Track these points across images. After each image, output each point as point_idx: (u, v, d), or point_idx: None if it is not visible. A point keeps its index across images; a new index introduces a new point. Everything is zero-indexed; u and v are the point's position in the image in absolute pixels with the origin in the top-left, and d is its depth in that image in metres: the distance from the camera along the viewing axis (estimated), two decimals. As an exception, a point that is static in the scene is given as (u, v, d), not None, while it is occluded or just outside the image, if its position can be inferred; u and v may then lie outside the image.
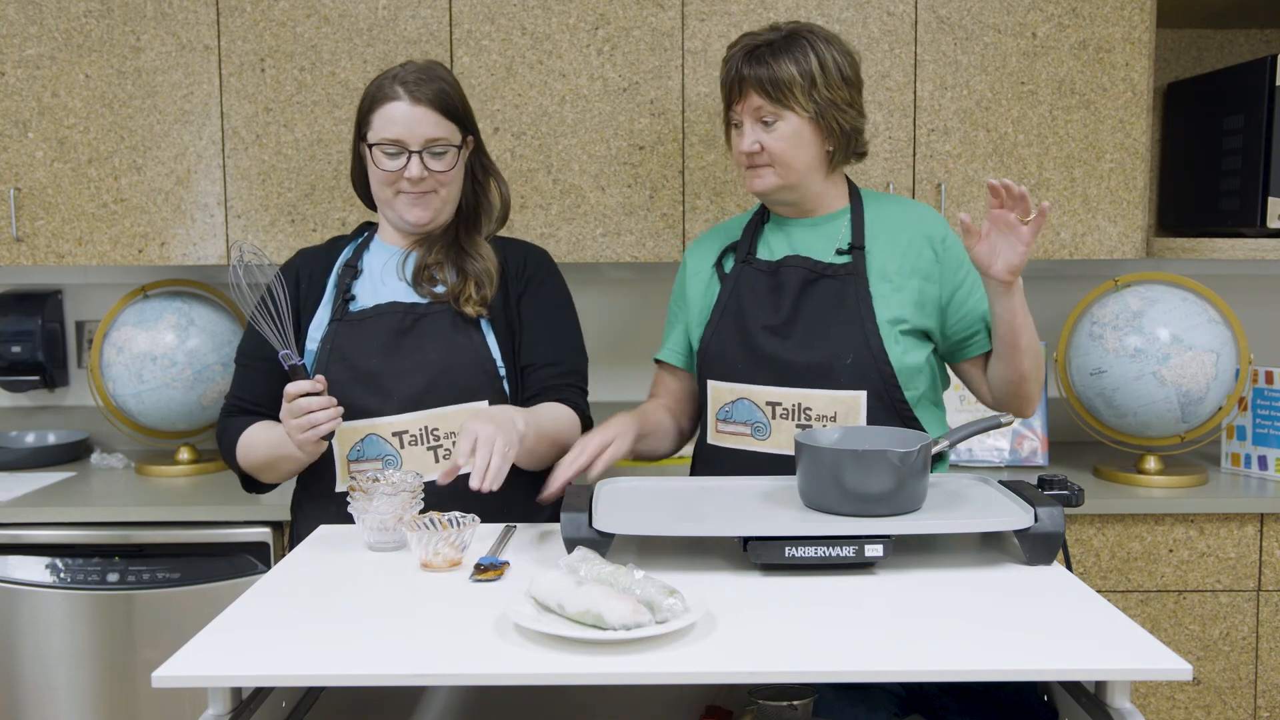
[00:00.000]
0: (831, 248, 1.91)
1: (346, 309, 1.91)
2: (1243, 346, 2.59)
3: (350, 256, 1.97)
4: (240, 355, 1.99)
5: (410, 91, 1.86)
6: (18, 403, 3.04)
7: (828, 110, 1.84)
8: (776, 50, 1.82)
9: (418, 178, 1.87)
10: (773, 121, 1.83)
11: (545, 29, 2.57)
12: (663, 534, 1.53)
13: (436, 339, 1.89)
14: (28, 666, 2.38)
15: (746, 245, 1.96)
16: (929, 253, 1.89)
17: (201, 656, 1.21)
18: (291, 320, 1.87)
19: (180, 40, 2.57)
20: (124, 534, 2.39)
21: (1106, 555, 2.44)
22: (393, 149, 1.86)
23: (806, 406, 1.84)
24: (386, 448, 1.86)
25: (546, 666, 1.17)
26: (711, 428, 1.94)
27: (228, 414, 1.98)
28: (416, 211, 1.91)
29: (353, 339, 1.88)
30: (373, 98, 1.88)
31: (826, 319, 1.86)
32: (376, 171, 1.89)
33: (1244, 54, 2.95)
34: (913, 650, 1.21)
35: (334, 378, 1.85)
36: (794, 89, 1.81)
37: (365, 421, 1.86)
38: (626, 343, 2.99)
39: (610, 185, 2.60)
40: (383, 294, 1.93)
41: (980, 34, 2.58)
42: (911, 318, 1.86)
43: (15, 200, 2.59)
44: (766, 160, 1.85)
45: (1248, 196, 2.56)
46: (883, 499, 1.49)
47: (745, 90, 1.84)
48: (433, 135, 1.87)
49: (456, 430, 1.86)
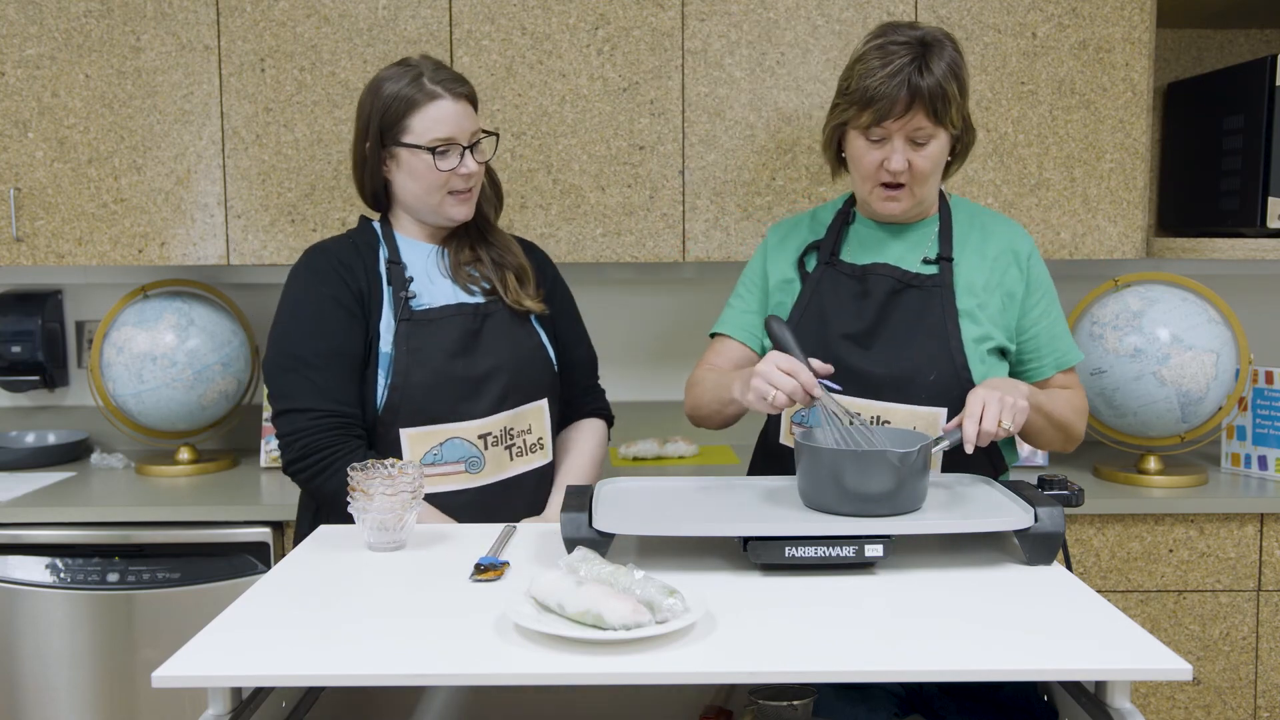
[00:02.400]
0: (918, 256, 1.85)
1: (410, 308, 1.85)
2: (1243, 346, 2.59)
3: (389, 254, 1.91)
4: (312, 354, 1.81)
5: (449, 89, 1.84)
6: (18, 403, 3.04)
7: (967, 126, 1.78)
8: (933, 61, 1.69)
9: (474, 172, 1.87)
10: (925, 141, 1.73)
11: (545, 29, 2.57)
12: (663, 534, 1.53)
13: (504, 338, 1.90)
14: (28, 666, 2.38)
15: (830, 246, 1.89)
16: (1015, 270, 1.85)
17: (201, 656, 1.21)
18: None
19: (180, 40, 2.57)
20: (124, 534, 2.39)
21: (1106, 555, 2.44)
22: (444, 148, 1.84)
23: (885, 419, 1.79)
24: (471, 450, 1.85)
25: (546, 666, 1.17)
26: (785, 428, 1.90)
27: (337, 430, 1.78)
28: (464, 209, 1.90)
29: (428, 340, 1.84)
30: (408, 100, 1.82)
31: (911, 332, 1.80)
32: (428, 173, 1.84)
33: (1244, 54, 2.95)
34: (913, 650, 1.21)
35: (416, 380, 1.82)
36: (952, 107, 1.71)
37: (449, 425, 1.83)
38: (626, 343, 2.99)
39: (610, 185, 2.60)
40: (435, 293, 1.90)
41: (980, 34, 2.58)
42: (995, 336, 1.82)
43: (15, 200, 2.59)
44: (906, 180, 1.76)
45: (1248, 196, 2.56)
46: (882, 499, 1.49)
47: (914, 107, 1.69)
48: (475, 128, 1.88)
49: (527, 428, 1.90)
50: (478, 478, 1.86)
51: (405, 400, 1.82)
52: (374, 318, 1.85)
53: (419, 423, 1.83)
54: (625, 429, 2.93)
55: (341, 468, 1.73)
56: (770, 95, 2.58)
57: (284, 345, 1.84)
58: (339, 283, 1.84)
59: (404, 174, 1.87)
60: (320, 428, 1.79)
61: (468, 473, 1.85)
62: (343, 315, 1.83)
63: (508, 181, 2.58)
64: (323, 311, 1.82)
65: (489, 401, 1.86)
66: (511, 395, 1.88)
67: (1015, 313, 1.85)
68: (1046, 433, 1.82)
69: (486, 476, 1.87)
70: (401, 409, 1.82)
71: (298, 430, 1.79)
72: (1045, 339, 1.87)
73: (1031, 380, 1.87)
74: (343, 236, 1.96)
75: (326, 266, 1.86)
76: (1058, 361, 1.88)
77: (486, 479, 1.87)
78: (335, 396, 1.80)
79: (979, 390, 1.62)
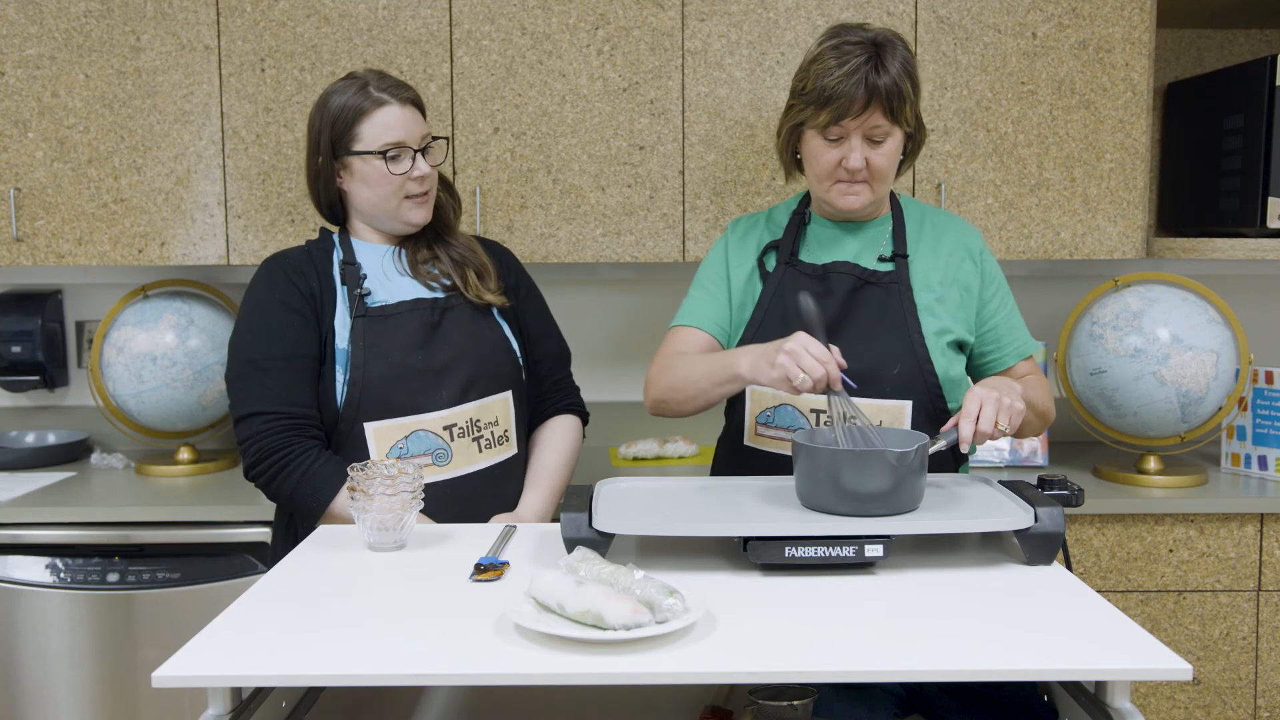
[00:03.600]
0: (874, 254, 1.89)
1: (365, 305, 1.88)
2: (1243, 346, 2.59)
3: (344, 255, 1.94)
4: (265, 359, 1.83)
5: (395, 95, 1.89)
6: (18, 403, 3.04)
7: (919, 127, 1.82)
8: (888, 60, 1.73)
9: (427, 174, 1.90)
10: (882, 139, 1.77)
11: (545, 29, 2.57)
12: (663, 534, 1.53)
13: (464, 331, 1.92)
14: (28, 666, 2.38)
15: (790, 246, 1.92)
16: (969, 264, 1.89)
17: (201, 656, 1.21)
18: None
19: (180, 40, 2.57)
20: (124, 534, 2.39)
21: (1106, 555, 2.44)
22: (395, 152, 1.87)
23: (852, 415, 1.82)
24: (437, 441, 1.87)
25: (546, 666, 1.17)
26: (749, 430, 1.92)
27: (291, 432, 1.80)
28: (421, 212, 1.93)
29: (385, 335, 1.87)
30: (356, 109, 1.86)
31: (873, 327, 1.84)
32: (384, 179, 1.88)
33: (1244, 54, 2.95)
34: (913, 650, 1.21)
35: (375, 374, 1.84)
36: (906, 105, 1.75)
37: (413, 418, 1.86)
38: (626, 343, 2.99)
39: (610, 185, 2.60)
40: (393, 290, 1.93)
41: (980, 34, 2.58)
42: (954, 329, 1.86)
43: (15, 200, 2.59)
44: (864, 177, 1.80)
45: (1248, 196, 2.56)
46: (880, 499, 1.49)
47: (872, 105, 1.73)
48: (425, 132, 1.92)
49: (494, 420, 1.92)
50: (445, 470, 1.87)
51: (365, 395, 1.84)
52: (327, 318, 1.87)
53: (381, 416, 1.84)
54: (625, 429, 2.93)
55: (296, 469, 1.79)
56: (770, 95, 2.58)
57: (238, 351, 1.87)
58: (289, 287, 1.87)
59: (358, 183, 1.90)
60: (273, 430, 1.81)
61: (435, 465, 1.86)
62: (293, 318, 1.85)
63: (507, 181, 2.58)
64: (272, 316, 1.85)
65: (450, 393, 1.88)
66: (473, 387, 1.90)
67: (973, 306, 1.89)
68: (1032, 424, 1.86)
69: (455, 469, 1.88)
70: (362, 403, 1.84)
71: (253, 435, 1.81)
72: (1005, 329, 1.91)
73: (995, 370, 1.92)
74: (300, 246, 2.00)
75: (278, 273, 1.89)
76: (1018, 350, 1.93)
77: (455, 471, 1.88)
78: (287, 399, 1.82)
79: (976, 390, 1.63)
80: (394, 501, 1.58)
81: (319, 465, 1.80)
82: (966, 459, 2.00)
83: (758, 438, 1.91)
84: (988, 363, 1.93)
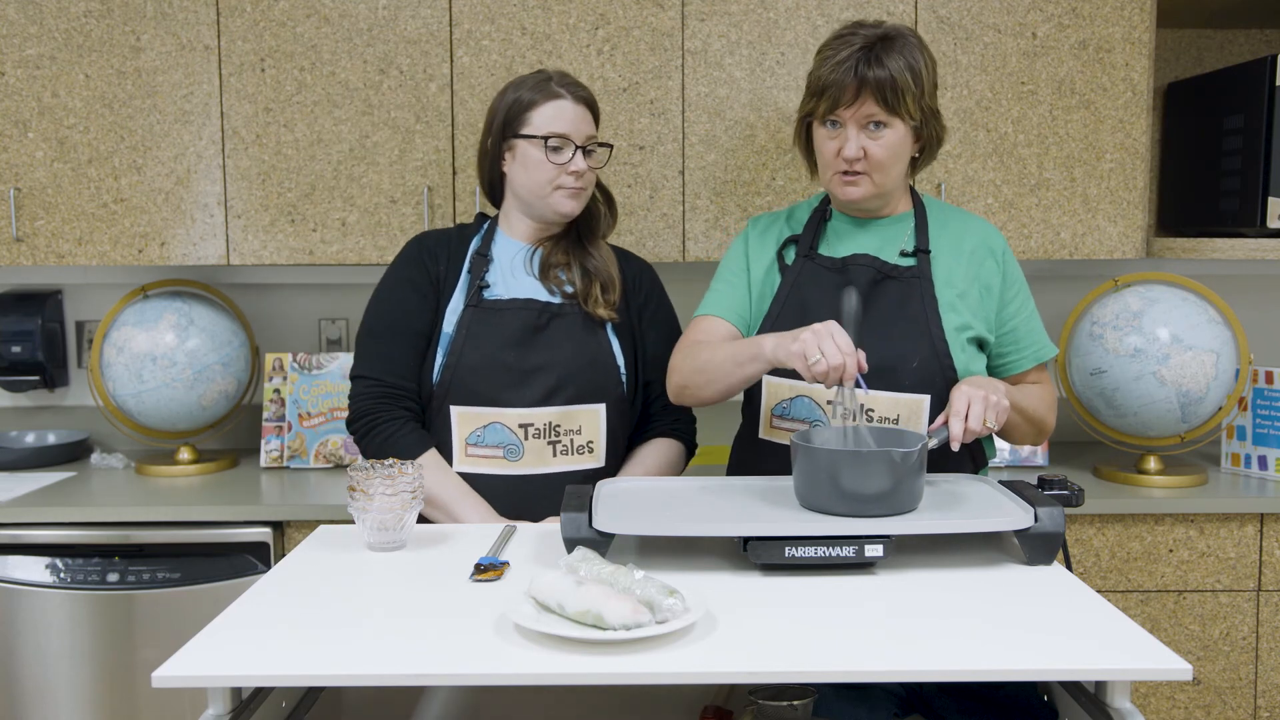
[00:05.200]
0: (895, 249, 1.89)
1: (481, 296, 1.98)
2: (1243, 346, 2.59)
3: (480, 245, 2.04)
4: (379, 328, 1.99)
5: (572, 92, 1.98)
6: (18, 403, 3.04)
7: (929, 119, 1.82)
8: (890, 53, 1.75)
9: (583, 171, 1.97)
10: (879, 128, 1.78)
11: (545, 29, 2.57)
12: (663, 534, 1.53)
13: (568, 339, 1.98)
14: (28, 666, 2.38)
15: (809, 240, 1.92)
16: (991, 263, 1.89)
17: (201, 656, 1.21)
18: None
19: (180, 40, 2.57)
20: (124, 534, 2.39)
21: (1106, 555, 2.44)
22: (558, 143, 1.95)
23: (869, 408, 1.81)
24: (510, 437, 1.94)
25: (546, 666, 1.17)
26: (765, 423, 1.92)
27: (384, 399, 1.95)
28: (571, 204, 2.00)
29: (489, 327, 1.96)
30: (531, 98, 1.97)
31: (892, 321, 1.83)
32: (542, 165, 1.96)
33: (1244, 54, 2.95)
34: (913, 650, 1.21)
35: (468, 363, 1.93)
36: (907, 96, 1.75)
37: (492, 409, 1.94)
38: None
39: (610, 185, 2.60)
40: (514, 287, 2.00)
41: (980, 34, 2.58)
42: (975, 326, 1.86)
43: (15, 200, 2.59)
44: (864, 168, 1.80)
45: (1248, 196, 2.56)
46: (880, 499, 1.49)
47: (863, 93, 1.75)
48: (592, 133, 2.00)
49: (576, 429, 1.96)
50: (514, 466, 1.94)
51: (455, 378, 1.94)
52: (445, 300, 1.99)
53: (465, 403, 1.94)
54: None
55: (381, 432, 1.93)
56: (770, 95, 2.58)
57: (365, 317, 2.04)
58: (418, 266, 2.00)
59: (518, 165, 1.99)
60: (371, 394, 1.96)
61: (505, 459, 1.93)
62: (412, 295, 1.99)
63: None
64: (396, 290, 2.00)
65: (534, 394, 1.94)
66: (560, 393, 1.95)
67: (994, 305, 1.88)
68: (1021, 428, 1.86)
69: (524, 467, 1.94)
70: (451, 386, 1.94)
71: (355, 395, 1.99)
72: (1024, 332, 1.91)
73: (1011, 372, 1.91)
74: (449, 228, 2.12)
75: (414, 251, 2.03)
76: (1036, 354, 1.93)
77: (524, 469, 1.94)
78: (388, 368, 1.97)
79: (962, 388, 1.64)
80: (394, 501, 1.59)
81: (403, 434, 1.93)
82: (987, 461, 1.98)
83: (773, 430, 1.90)
84: (1006, 364, 1.92)
